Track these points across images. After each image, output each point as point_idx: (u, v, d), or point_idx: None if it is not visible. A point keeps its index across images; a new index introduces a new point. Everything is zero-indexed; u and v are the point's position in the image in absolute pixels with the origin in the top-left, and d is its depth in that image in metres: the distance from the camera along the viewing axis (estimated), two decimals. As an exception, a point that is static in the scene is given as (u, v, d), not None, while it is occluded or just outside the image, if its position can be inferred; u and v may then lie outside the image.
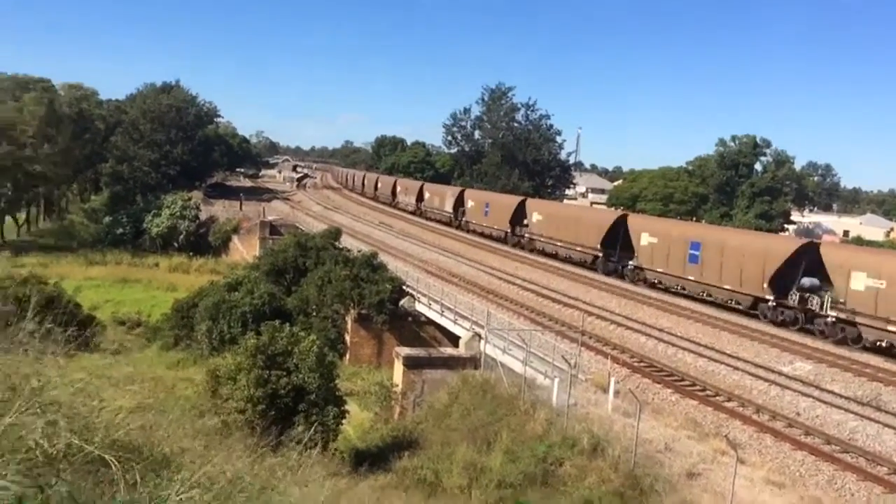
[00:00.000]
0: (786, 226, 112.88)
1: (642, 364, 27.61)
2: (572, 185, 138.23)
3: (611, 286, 43.16)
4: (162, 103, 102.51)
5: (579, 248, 51.71)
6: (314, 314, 40.81)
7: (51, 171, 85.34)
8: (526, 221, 60.57)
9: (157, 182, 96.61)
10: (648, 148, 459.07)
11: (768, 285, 35.79)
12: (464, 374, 26.97)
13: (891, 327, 29.59)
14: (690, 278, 40.83)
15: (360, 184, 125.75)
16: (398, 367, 30.34)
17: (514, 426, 21.11)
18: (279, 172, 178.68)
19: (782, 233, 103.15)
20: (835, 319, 32.24)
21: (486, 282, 44.05)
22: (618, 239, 47.95)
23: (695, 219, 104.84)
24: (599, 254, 49.44)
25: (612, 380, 23.07)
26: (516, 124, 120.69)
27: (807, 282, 34.04)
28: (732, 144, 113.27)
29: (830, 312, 32.41)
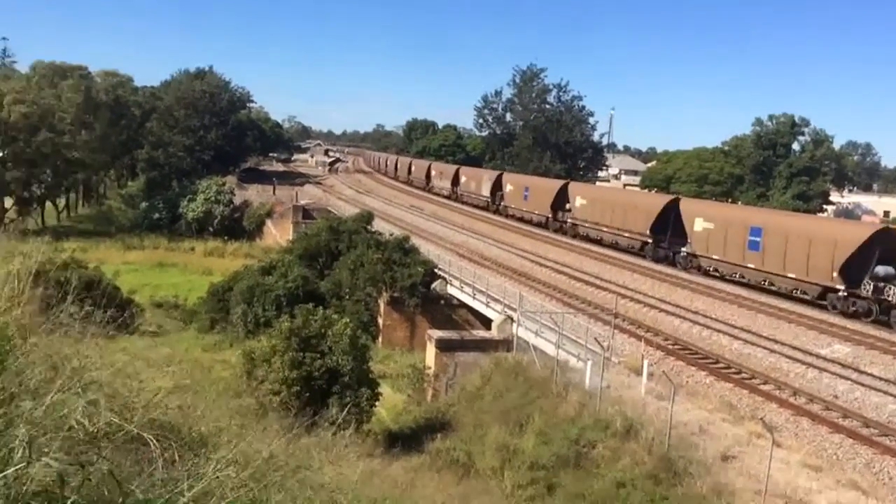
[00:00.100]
0: (824, 206, 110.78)
1: (676, 347, 27.38)
2: (605, 167, 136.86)
3: (645, 269, 42.76)
4: (196, 89, 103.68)
5: (626, 234, 49.68)
6: (347, 297, 41.10)
7: (89, 158, 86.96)
8: (568, 206, 58.74)
9: (192, 167, 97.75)
10: (683, 128, 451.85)
11: (839, 274, 33.14)
12: (496, 356, 27.03)
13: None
14: (750, 266, 38.38)
15: (393, 168, 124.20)
16: (431, 349, 30.48)
17: (546, 408, 21.13)
18: (311, 157, 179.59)
19: (820, 213, 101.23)
20: None
21: (519, 264, 43.97)
22: (668, 224, 45.90)
23: (730, 200, 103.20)
24: (649, 240, 47.35)
25: (646, 362, 22.94)
26: (548, 106, 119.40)
27: (881, 270, 31.84)
28: (770, 124, 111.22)
29: None
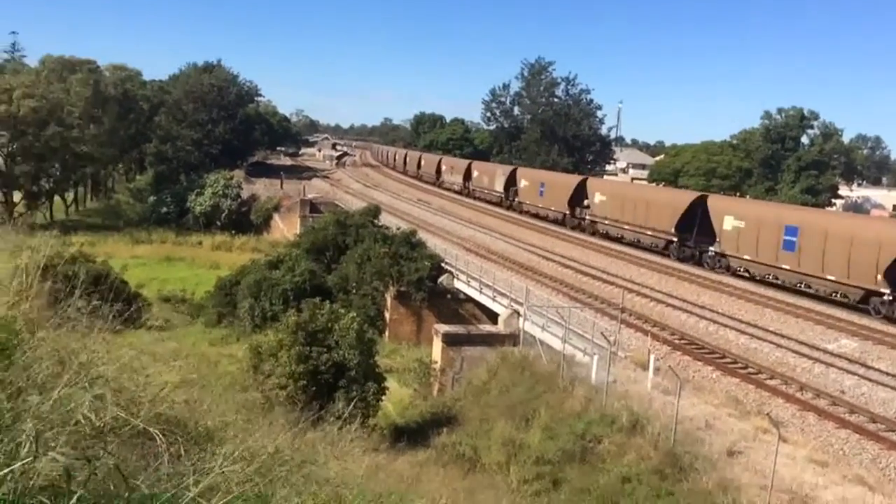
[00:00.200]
0: (833, 200, 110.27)
1: (683, 341, 27.33)
2: (612, 161, 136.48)
3: (657, 265, 42.67)
4: (204, 83, 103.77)
5: (650, 232, 47.61)
6: (354, 291, 41.19)
7: (97, 152, 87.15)
8: (587, 202, 56.65)
9: (200, 161, 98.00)
10: (691, 122, 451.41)
11: (883, 277, 31.38)
12: (502, 350, 27.03)
13: None
14: (785, 267, 36.64)
15: (402, 162, 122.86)
16: (437, 343, 30.53)
17: (552, 403, 21.13)
18: (319, 151, 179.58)
19: (829, 207, 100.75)
20: None
21: (526, 258, 43.96)
22: (695, 222, 43.97)
23: (738, 194, 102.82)
24: (674, 238, 45.34)
25: (652, 357, 22.92)
26: (556, 99, 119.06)
27: None
28: (779, 117, 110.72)
29: None
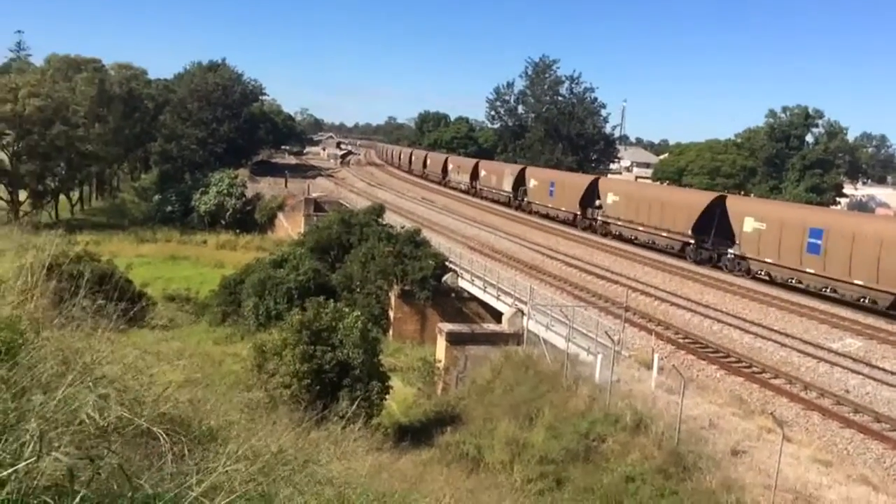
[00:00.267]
0: (837, 199, 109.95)
1: (687, 340, 27.30)
2: (617, 160, 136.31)
3: (661, 264, 42.61)
4: (209, 82, 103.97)
5: (665, 234, 46.31)
6: (358, 290, 41.22)
7: (102, 151, 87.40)
8: (598, 203, 55.47)
9: (205, 160, 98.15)
10: (696, 120, 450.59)
11: None
12: (506, 349, 27.07)
13: None
14: (809, 271, 35.41)
15: (407, 161, 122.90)
16: (441, 342, 30.58)
17: (556, 402, 21.15)
18: (323, 149, 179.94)
19: (833, 206, 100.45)
20: None
21: (530, 258, 43.95)
22: (713, 223, 42.77)
23: (743, 193, 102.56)
24: (690, 240, 44.21)
25: (656, 356, 22.92)
26: (560, 98, 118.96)
27: None
28: (783, 116, 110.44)
29: None
